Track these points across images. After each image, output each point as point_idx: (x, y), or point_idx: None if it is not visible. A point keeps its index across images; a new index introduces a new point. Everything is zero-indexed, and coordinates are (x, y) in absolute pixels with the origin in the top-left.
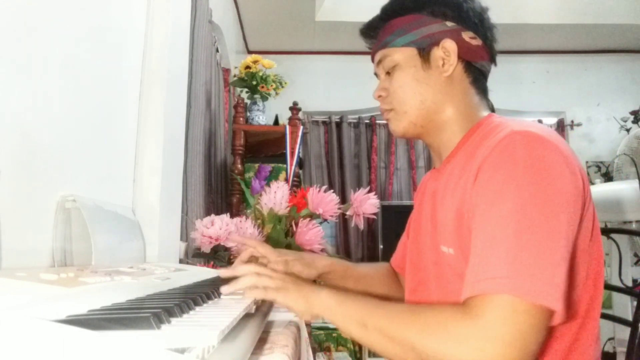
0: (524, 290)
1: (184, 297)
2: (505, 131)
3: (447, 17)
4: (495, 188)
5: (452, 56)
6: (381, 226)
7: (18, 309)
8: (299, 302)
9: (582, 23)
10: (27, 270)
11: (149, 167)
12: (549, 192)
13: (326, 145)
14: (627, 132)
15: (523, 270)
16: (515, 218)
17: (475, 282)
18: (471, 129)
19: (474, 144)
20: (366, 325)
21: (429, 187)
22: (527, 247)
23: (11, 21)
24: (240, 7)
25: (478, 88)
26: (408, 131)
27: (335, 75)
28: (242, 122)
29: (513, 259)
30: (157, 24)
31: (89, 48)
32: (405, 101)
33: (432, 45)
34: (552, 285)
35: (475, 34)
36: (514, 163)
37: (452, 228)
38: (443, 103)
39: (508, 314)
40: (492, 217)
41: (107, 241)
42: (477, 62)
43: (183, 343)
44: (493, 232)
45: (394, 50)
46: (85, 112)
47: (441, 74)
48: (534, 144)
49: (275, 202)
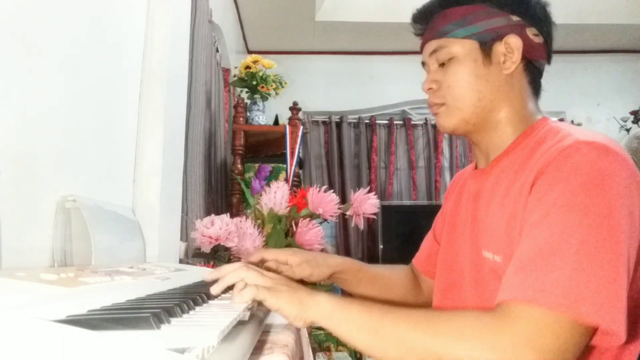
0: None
1: (184, 297)
2: (569, 140)
3: (513, 11)
4: (557, 198)
5: (516, 53)
6: (381, 226)
7: (18, 309)
8: (291, 305)
9: (582, 23)
10: (27, 270)
11: (149, 167)
12: (614, 209)
13: (326, 145)
14: (627, 132)
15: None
16: (578, 233)
17: (521, 286)
18: (525, 132)
19: (529, 148)
20: (377, 332)
21: (470, 187)
22: (588, 266)
23: (11, 21)
24: (240, 7)
25: (534, 88)
26: (458, 128)
27: (335, 75)
28: (242, 122)
29: (571, 278)
30: (157, 24)
31: (89, 48)
32: (461, 97)
33: (495, 40)
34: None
35: (539, 31)
36: (579, 175)
37: (501, 235)
38: (500, 102)
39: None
40: (552, 225)
41: (107, 241)
42: (537, 60)
43: (183, 343)
44: (552, 242)
45: (453, 41)
46: (85, 112)
47: (501, 71)
48: (600, 155)
49: (275, 202)
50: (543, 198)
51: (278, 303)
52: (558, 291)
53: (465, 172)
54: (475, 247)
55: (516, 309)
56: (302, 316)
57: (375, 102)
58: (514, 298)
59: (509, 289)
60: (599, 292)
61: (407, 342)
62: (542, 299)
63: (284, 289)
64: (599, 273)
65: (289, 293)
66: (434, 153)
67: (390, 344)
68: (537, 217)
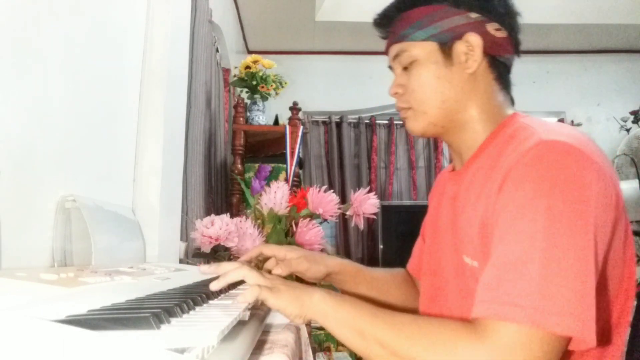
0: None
1: (184, 297)
2: (534, 139)
3: (471, 8)
4: (522, 202)
5: (477, 51)
6: (381, 226)
7: (18, 309)
8: (291, 304)
9: (582, 23)
10: (27, 270)
11: (149, 167)
12: (579, 212)
13: (326, 145)
14: (627, 132)
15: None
16: (543, 240)
17: (492, 302)
18: (495, 130)
19: (499, 147)
20: (364, 335)
21: (448, 190)
22: (555, 274)
23: (11, 21)
24: (240, 7)
25: (502, 84)
26: (427, 131)
27: (335, 75)
28: (242, 122)
29: (539, 287)
30: (157, 24)
31: (89, 48)
32: (424, 100)
33: (454, 40)
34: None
35: (501, 25)
36: (543, 177)
37: (477, 241)
38: (465, 102)
39: (524, 342)
40: (517, 234)
41: (107, 241)
42: (502, 56)
43: (183, 343)
44: (518, 251)
45: (413, 44)
46: (85, 112)
47: (464, 71)
48: (565, 156)
49: (275, 202)
50: (509, 203)
51: (279, 303)
52: (526, 304)
53: (445, 173)
54: (456, 252)
55: (489, 326)
56: (301, 314)
57: (375, 102)
58: (486, 315)
59: (481, 305)
60: (567, 301)
61: (390, 347)
62: (511, 314)
63: (284, 289)
64: (566, 281)
65: (288, 293)
66: (434, 153)
67: (375, 346)
68: (504, 225)
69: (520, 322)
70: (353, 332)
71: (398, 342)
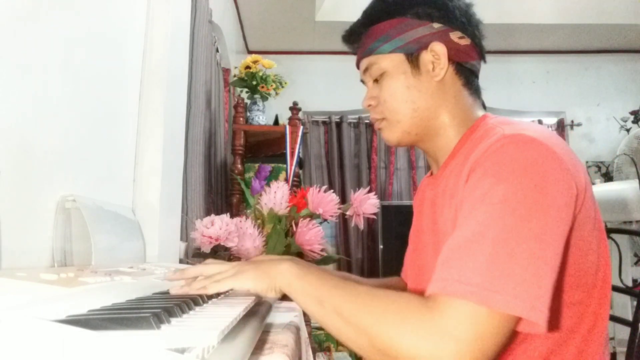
0: (493, 302)
1: (184, 297)
2: (497, 135)
3: (433, 19)
4: (483, 191)
5: (443, 59)
6: (381, 226)
7: (18, 309)
8: (259, 280)
9: (582, 23)
10: (27, 270)
11: (149, 167)
12: (538, 199)
13: (326, 145)
14: (627, 132)
15: (497, 282)
16: (498, 222)
17: (444, 280)
18: (466, 133)
19: (470, 147)
20: (323, 303)
21: (428, 194)
22: (506, 256)
23: (11, 21)
24: (240, 7)
25: (470, 89)
26: (402, 140)
27: (335, 75)
28: (242, 122)
29: (488, 267)
30: (157, 24)
31: (89, 48)
32: (397, 110)
33: (420, 50)
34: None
35: (464, 34)
36: (503, 166)
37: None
38: (436, 108)
39: (469, 317)
40: (474, 218)
41: (107, 241)
42: (467, 62)
43: (183, 343)
44: (472, 234)
45: (381, 57)
46: (85, 112)
47: (432, 79)
48: (524, 146)
49: (275, 202)
50: (472, 193)
51: (246, 284)
52: (474, 281)
53: (425, 179)
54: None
55: (439, 301)
56: (272, 286)
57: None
58: (437, 291)
59: (435, 281)
60: (517, 281)
61: (344, 315)
62: (460, 290)
63: (247, 268)
64: (517, 263)
65: (253, 270)
66: None
67: (332, 314)
68: (465, 210)
69: (467, 298)
70: (313, 300)
71: (352, 311)
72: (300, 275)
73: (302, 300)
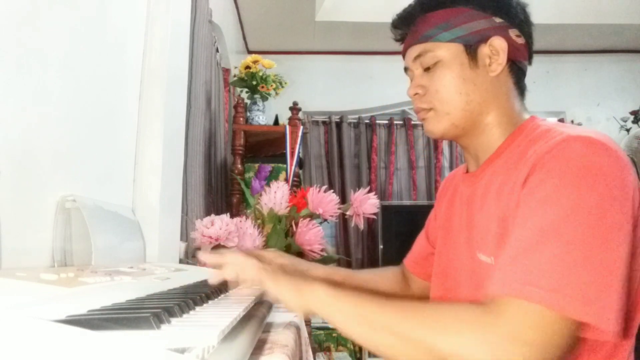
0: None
1: (184, 297)
2: (562, 135)
3: (496, 13)
4: (547, 192)
5: (502, 55)
6: (381, 226)
7: (18, 309)
8: (291, 294)
9: (582, 23)
10: (27, 270)
11: (149, 167)
12: (606, 204)
13: (326, 145)
14: (627, 132)
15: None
16: (567, 225)
17: (509, 282)
18: (514, 133)
19: (520, 149)
20: (371, 323)
21: (462, 191)
22: (577, 260)
23: (11, 21)
24: (240, 7)
25: (520, 89)
26: (447, 133)
27: (335, 75)
28: (242, 122)
29: (557, 271)
30: (157, 24)
31: (89, 48)
32: (449, 101)
33: (480, 42)
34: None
35: (520, 32)
36: (569, 168)
37: (494, 236)
38: (488, 104)
39: (537, 322)
40: (541, 220)
41: (107, 241)
42: (520, 61)
43: (183, 343)
44: (540, 235)
45: (438, 45)
46: (85, 112)
47: (488, 74)
48: (592, 149)
49: (275, 202)
50: (534, 192)
51: (278, 289)
52: (544, 285)
53: (456, 175)
54: (470, 251)
55: (505, 304)
56: (301, 304)
57: (375, 102)
58: (503, 293)
59: (498, 283)
60: (586, 287)
61: (400, 333)
62: (528, 293)
63: (283, 277)
64: (587, 268)
65: (287, 281)
66: (434, 153)
67: (384, 334)
68: (527, 210)
69: (536, 301)
70: (360, 321)
71: (409, 327)
72: (337, 296)
73: (345, 321)
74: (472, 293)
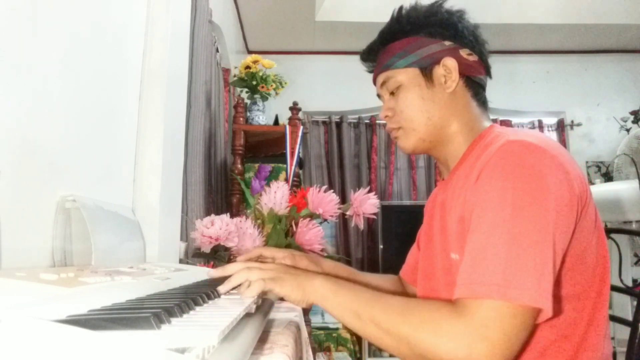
0: (512, 296)
1: (184, 297)
2: (502, 141)
3: (444, 37)
4: (490, 195)
5: (454, 73)
6: (381, 226)
7: (18, 309)
8: (295, 291)
9: (582, 23)
10: (27, 270)
11: (149, 167)
12: (541, 199)
13: (326, 145)
14: (627, 132)
15: (512, 278)
16: (508, 224)
17: (468, 284)
18: (475, 140)
19: (477, 154)
20: (360, 316)
21: (439, 198)
22: (518, 254)
23: (11, 21)
24: (240, 7)
25: (478, 101)
26: (417, 147)
27: (335, 75)
28: (242, 122)
29: (504, 266)
30: (157, 24)
31: (89, 48)
32: (412, 119)
33: (433, 64)
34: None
35: (472, 51)
36: (508, 171)
37: (456, 234)
38: (448, 118)
39: (496, 317)
40: (486, 222)
41: (107, 241)
42: (475, 76)
43: (183, 343)
44: (487, 236)
45: (397, 71)
46: (85, 112)
47: (444, 91)
48: (527, 152)
49: (275, 202)
50: (480, 195)
51: (284, 290)
52: (494, 281)
53: (437, 186)
54: (445, 252)
55: (466, 304)
56: (305, 299)
57: (375, 102)
58: (462, 296)
59: (459, 287)
60: (528, 276)
61: (383, 326)
62: (484, 291)
63: (287, 277)
64: (527, 259)
65: (291, 280)
66: None
67: (371, 325)
68: (475, 216)
69: (490, 297)
70: (351, 313)
71: (390, 322)
72: (335, 289)
73: (340, 313)
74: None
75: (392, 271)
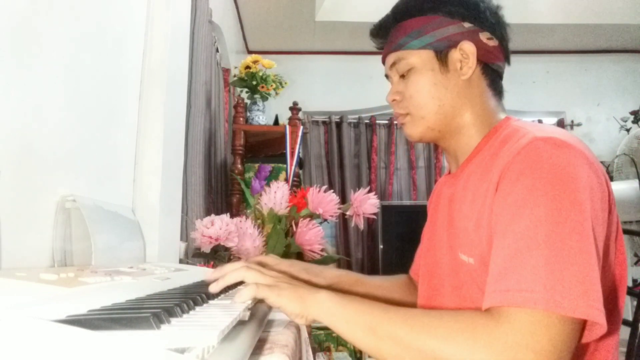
0: (561, 305)
1: (184, 297)
2: (527, 137)
3: (464, 18)
4: (521, 196)
5: (471, 58)
6: (381, 226)
7: (18, 309)
8: (293, 303)
9: (582, 23)
10: (27, 270)
11: (149, 167)
12: (577, 200)
13: (326, 145)
14: (627, 132)
15: (559, 286)
16: (545, 227)
17: (504, 291)
18: (489, 133)
19: (493, 149)
20: (375, 331)
21: (445, 192)
22: (560, 259)
23: (11, 22)
24: (240, 7)
25: (495, 90)
26: (425, 136)
27: (335, 75)
28: (242, 122)
29: (547, 272)
30: (157, 24)
31: (89, 48)
32: (422, 106)
33: (450, 48)
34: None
35: (492, 35)
36: (539, 171)
37: (472, 237)
38: (461, 107)
39: (541, 326)
40: (520, 226)
41: (107, 241)
42: (494, 63)
43: (183, 343)
44: (522, 241)
45: (410, 52)
46: (85, 112)
47: (459, 77)
48: (558, 150)
49: (275, 202)
50: (508, 198)
51: (280, 300)
52: (537, 289)
53: (442, 178)
54: (452, 251)
55: (504, 312)
56: (304, 313)
57: (375, 102)
58: (499, 304)
59: (493, 294)
60: (575, 284)
61: (403, 342)
62: (524, 300)
63: (286, 287)
64: (571, 265)
65: (290, 290)
66: (434, 153)
67: (387, 342)
68: (505, 219)
69: (534, 306)
70: (363, 329)
71: (412, 335)
72: (344, 304)
73: (350, 329)
74: (454, 292)
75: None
